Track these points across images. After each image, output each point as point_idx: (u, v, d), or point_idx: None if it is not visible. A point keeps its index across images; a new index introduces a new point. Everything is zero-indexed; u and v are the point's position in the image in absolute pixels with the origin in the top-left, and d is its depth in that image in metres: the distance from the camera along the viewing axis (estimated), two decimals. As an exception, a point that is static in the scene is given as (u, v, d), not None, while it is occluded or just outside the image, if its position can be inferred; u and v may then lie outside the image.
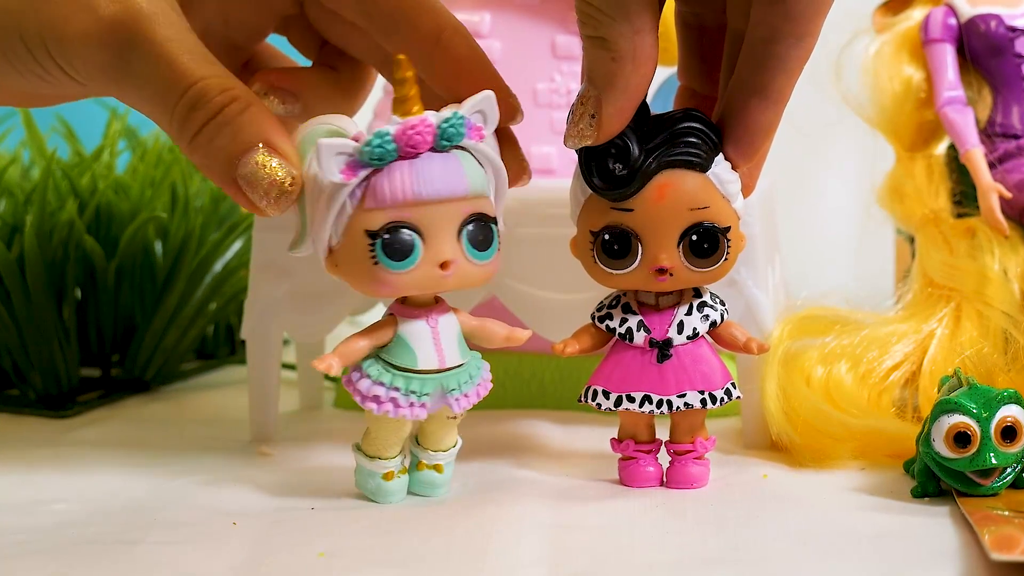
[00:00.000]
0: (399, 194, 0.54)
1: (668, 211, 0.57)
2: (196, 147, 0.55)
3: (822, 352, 0.67)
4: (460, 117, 0.55)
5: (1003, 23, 0.72)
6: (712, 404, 0.59)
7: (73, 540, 0.54)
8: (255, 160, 0.54)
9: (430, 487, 0.60)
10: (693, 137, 0.56)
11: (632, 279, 0.58)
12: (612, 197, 0.57)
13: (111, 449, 0.69)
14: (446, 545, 0.53)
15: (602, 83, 0.55)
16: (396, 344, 0.57)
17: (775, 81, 0.55)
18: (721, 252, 0.58)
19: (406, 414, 0.56)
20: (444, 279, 0.55)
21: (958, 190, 0.73)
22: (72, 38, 0.54)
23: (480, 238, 0.56)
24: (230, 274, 0.86)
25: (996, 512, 0.54)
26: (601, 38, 0.54)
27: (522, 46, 0.74)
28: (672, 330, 0.59)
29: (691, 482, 0.60)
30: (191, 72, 0.54)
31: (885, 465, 0.62)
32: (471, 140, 0.55)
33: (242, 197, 0.55)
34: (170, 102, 0.55)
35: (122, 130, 0.93)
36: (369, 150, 0.53)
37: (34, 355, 0.78)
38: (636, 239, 0.57)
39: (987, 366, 0.65)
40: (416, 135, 0.54)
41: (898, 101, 0.74)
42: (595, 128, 0.55)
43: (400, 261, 0.54)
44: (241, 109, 0.55)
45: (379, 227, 0.54)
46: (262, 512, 0.58)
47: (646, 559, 0.51)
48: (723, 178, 0.57)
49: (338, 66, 0.64)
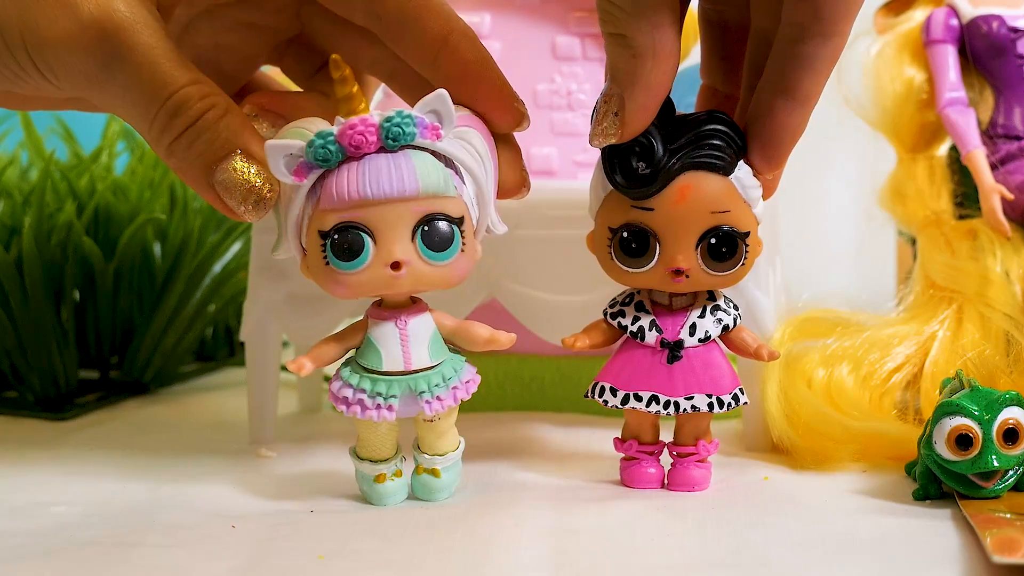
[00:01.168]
0: (345, 194, 0.54)
1: (689, 212, 0.57)
2: (174, 152, 0.55)
3: (823, 354, 0.67)
4: (405, 116, 0.54)
5: (1005, 24, 0.72)
6: (719, 408, 0.59)
7: (71, 542, 0.54)
8: (232, 166, 0.55)
9: (428, 491, 0.59)
10: (718, 139, 0.56)
11: (648, 278, 0.58)
12: (633, 195, 0.57)
13: (110, 451, 0.69)
14: (446, 548, 0.53)
15: (624, 80, 0.55)
16: (365, 346, 0.57)
17: (803, 82, 0.54)
18: (739, 257, 0.57)
19: (373, 415, 0.56)
20: (396, 279, 0.55)
21: (960, 191, 0.73)
22: (53, 43, 0.54)
23: (436, 239, 0.55)
24: (229, 276, 0.86)
25: (998, 515, 0.54)
26: (621, 35, 0.54)
27: (522, 47, 0.73)
28: (684, 332, 0.59)
29: (692, 485, 0.60)
30: (173, 79, 0.55)
31: (886, 467, 0.62)
32: (426, 139, 0.55)
33: (219, 203, 0.55)
34: (152, 108, 0.55)
35: (121, 131, 0.93)
36: (312, 151, 0.54)
37: (32, 357, 0.78)
38: (655, 238, 0.57)
39: (989, 368, 0.65)
40: (357, 135, 0.54)
41: (900, 102, 0.74)
42: (619, 126, 0.55)
43: (348, 261, 0.55)
44: (219, 115, 0.55)
45: (329, 227, 0.54)
46: (261, 515, 0.58)
47: (647, 562, 0.51)
48: (745, 183, 0.57)
49: (329, 93, 0.64)
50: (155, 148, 0.56)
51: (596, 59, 0.73)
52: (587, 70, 0.73)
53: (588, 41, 0.74)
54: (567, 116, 0.73)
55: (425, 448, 0.59)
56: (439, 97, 0.55)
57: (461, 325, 0.59)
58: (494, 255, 0.66)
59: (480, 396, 0.60)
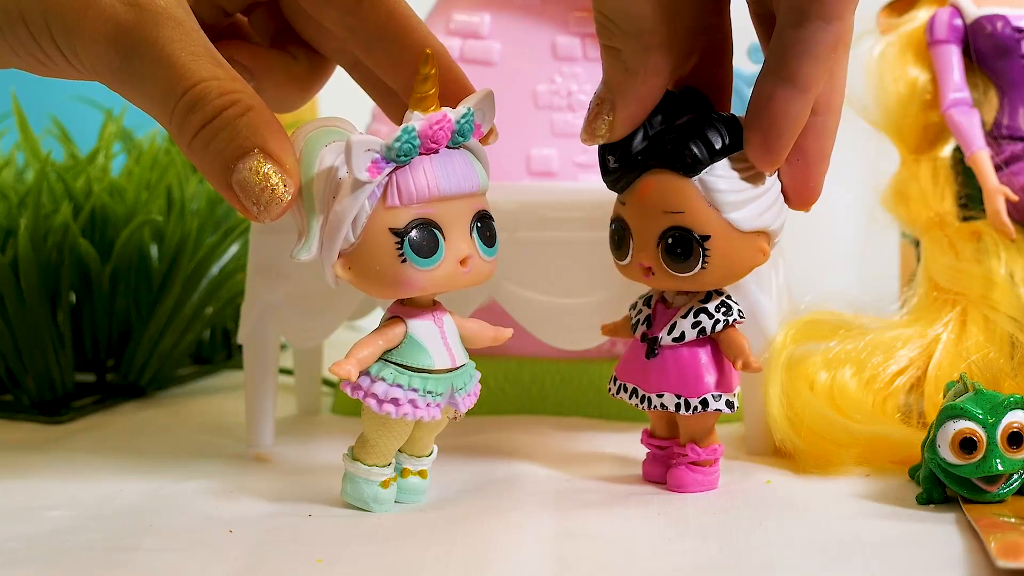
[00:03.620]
0: (424, 190, 0.54)
1: (648, 210, 0.57)
2: (194, 150, 0.55)
3: (826, 357, 0.67)
4: (472, 113, 0.56)
5: (1009, 24, 0.72)
6: (686, 411, 0.59)
7: (67, 547, 0.54)
8: (250, 166, 0.54)
9: (415, 493, 0.60)
10: (691, 139, 0.56)
11: (628, 271, 0.59)
12: (609, 187, 0.59)
13: (106, 455, 0.69)
14: (446, 553, 0.53)
15: (616, 91, 0.56)
16: (408, 345, 0.57)
17: (803, 68, 0.54)
18: (696, 260, 0.57)
19: (424, 415, 0.57)
20: (464, 275, 0.56)
21: (964, 193, 0.73)
22: (78, 31, 0.54)
23: (489, 234, 0.57)
24: (227, 278, 0.86)
25: (1002, 519, 0.54)
26: (616, 48, 0.55)
27: (522, 47, 0.73)
28: (665, 329, 0.59)
29: (676, 486, 0.61)
30: (191, 73, 0.54)
31: (890, 471, 0.62)
32: (473, 138, 0.56)
33: (237, 202, 0.55)
34: (169, 103, 0.54)
35: (117, 132, 0.93)
36: (398, 146, 0.54)
37: (28, 360, 0.78)
38: (628, 233, 0.58)
39: (993, 371, 0.65)
40: (440, 131, 0.55)
41: (903, 103, 0.74)
42: (608, 129, 0.57)
43: (428, 258, 0.55)
44: (240, 113, 0.54)
45: (404, 224, 0.54)
46: (259, 519, 0.58)
47: (648, 567, 0.51)
48: (712, 186, 0.56)
49: (296, 55, 0.64)
50: (180, 147, 0.55)
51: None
52: (588, 70, 0.73)
53: (589, 41, 0.74)
54: (567, 117, 0.73)
55: (417, 451, 0.60)
56: (488, 97, 0.56)
57: (474, 324, 0.60)
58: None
59: (480, 399, 0.60)
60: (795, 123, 0.55)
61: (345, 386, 0.57)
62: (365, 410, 0.57)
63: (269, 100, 0.59)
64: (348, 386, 0.57)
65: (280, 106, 0.64)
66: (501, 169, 0.71)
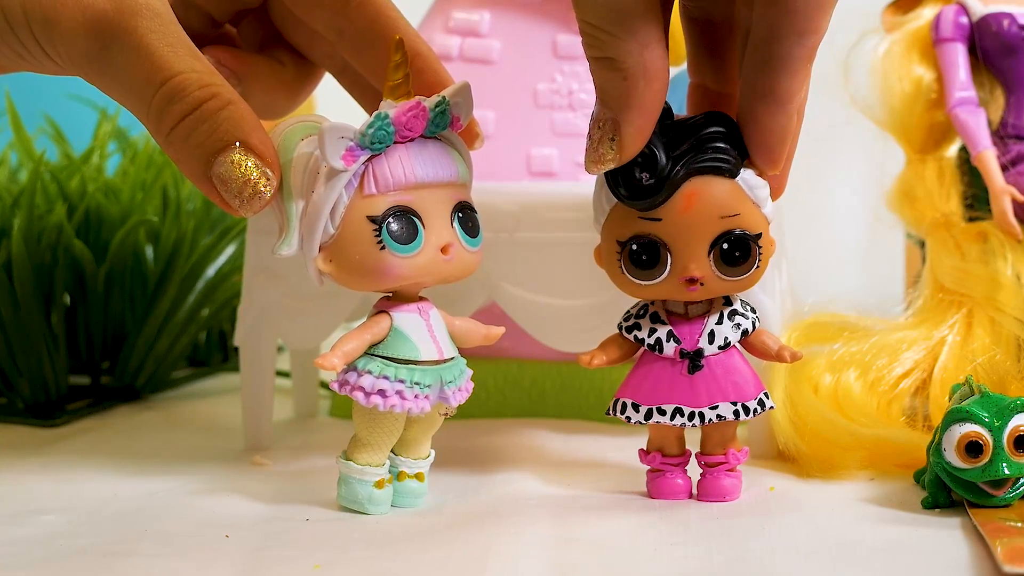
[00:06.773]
0: (401, 177, 0.55)
1: (698, 219, 0.56)
2: (172, 142, 0.55)
3: (830, 359, 0.66)
4: (447, 102, 0.56)
5: (1016, 22, 0.72)
6: (745, 416, 0.59)
7: (62, 551, 0.54)
8: (231, 159, 0.54)
9: (413, 497, 0.60)
10: (720, 142, 0.55)
11: (661, 289, 0.57)
12: (640, 207, 0.56)
13: (101, 459, 0.69)
14: (444, 557, 0.53)
15: (617, 105, 0.54)
16: (394, 337, 0.57)
17: (781, 83, 0.54)
18: (753, 259, 0.57)
19: (412, 407, 0.56)
20: (446, 264, 0.56)
21: (970, 193, 0.73)
22: (56, 22, 0.54)
23: (471, 224, 0.57)
24: (223, 279, 0.86)
25: (1009, 523, 0.54)
26: (609, 58, 0.53)
27: (522, 46, 0.73)
28: (703, 340, 0.58)
29: (723, 495, 0.60)
30: (170, 64, 0.54)
31: (895, 475, 0.62)
32: (451, 129, 0.57)
33: (216, 196, 0.55)
34: (148, 94, 0.54)
35: (112, 132, 0.93)
36: (371, 132, 0.54)
37: (22, 362, 0.78)
38: (665, 249, 0.56)
39: (999, 373, 0.65)
40: (414, 118, 0.55)
41: (908, 102, 0.74)
42: (616, 151, 0.55)
43: (407, 245, 0.55)
44: (220, 106, 0.55)
45: (382, 212, 0.55)
46: (256, 523, 0.57)
47: (649, 572, 0.51)
48: (751, 183, 0.56)
49: (285, 61, 0.65)
50: (156, 139, 0.56)
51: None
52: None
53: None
54: (568, 116, 0.72)
55: (411, 453, 0.60)
56: (466, 89, 0.57)
57: (463, 322, 0.60)
58: (493, 258, 0.65)
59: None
60: (783, 133, 0.55)
61: (333, 383, 0.57)
62: (355, 406, 0.57)
63: (257, 105, 0.60)
64: (336, 382, 0.57)
65: (268, 111, 0.64)
66: (501, 169, 0.71)
